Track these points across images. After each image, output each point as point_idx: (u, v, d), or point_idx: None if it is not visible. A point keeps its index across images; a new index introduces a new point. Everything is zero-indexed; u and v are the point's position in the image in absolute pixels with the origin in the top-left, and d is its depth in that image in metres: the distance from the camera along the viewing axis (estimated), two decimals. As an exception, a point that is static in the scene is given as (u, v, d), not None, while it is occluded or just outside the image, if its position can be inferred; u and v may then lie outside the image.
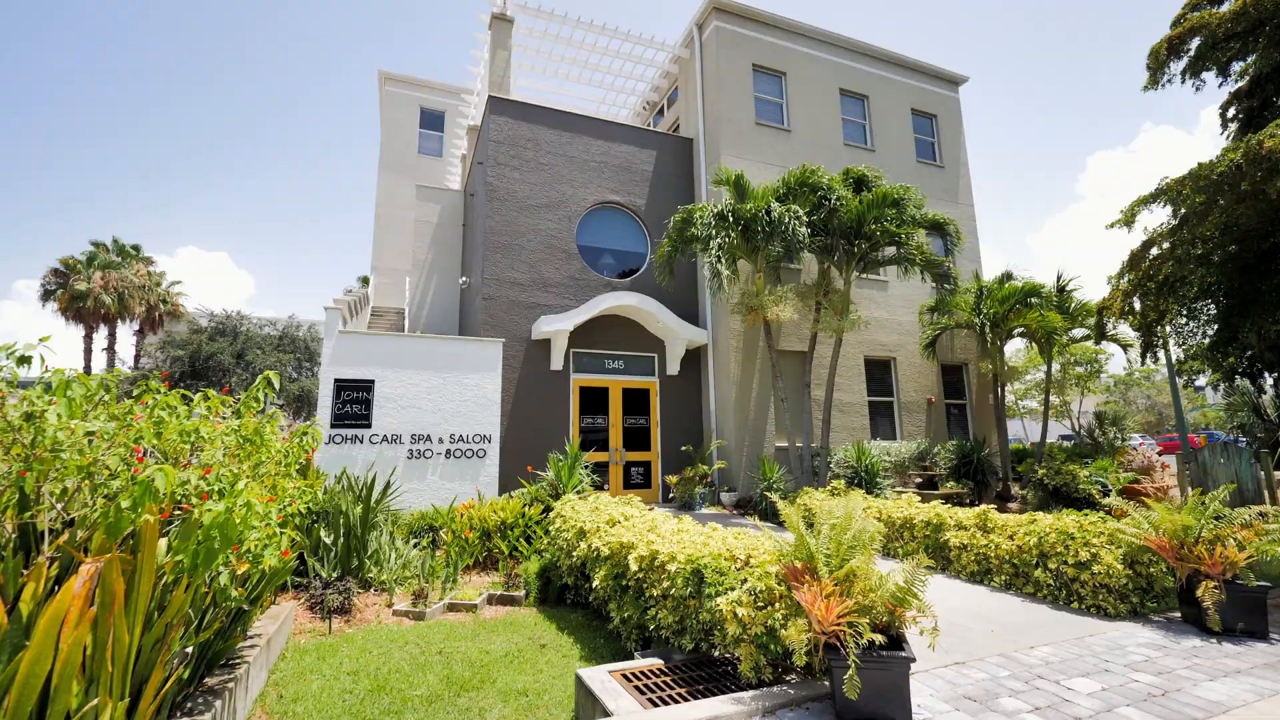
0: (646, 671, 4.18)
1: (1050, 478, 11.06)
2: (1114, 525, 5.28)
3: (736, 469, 11.80)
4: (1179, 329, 9.50)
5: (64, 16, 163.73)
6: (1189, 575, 4.73)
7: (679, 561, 4.55)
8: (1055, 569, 5.39)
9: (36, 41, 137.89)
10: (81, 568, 2.73)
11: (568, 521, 7.07)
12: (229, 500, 3.00)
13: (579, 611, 6.66)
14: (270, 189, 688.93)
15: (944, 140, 16.17)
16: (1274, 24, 6.47)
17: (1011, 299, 12.25)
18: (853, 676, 2.95)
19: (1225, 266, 7.06)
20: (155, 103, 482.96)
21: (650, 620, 4.82)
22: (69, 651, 2.39)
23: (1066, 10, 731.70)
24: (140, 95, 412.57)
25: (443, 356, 10.14)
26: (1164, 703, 3.46)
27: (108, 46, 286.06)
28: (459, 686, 4.65)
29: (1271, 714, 3.33)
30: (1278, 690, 3.63)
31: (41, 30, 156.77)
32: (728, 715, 3.38)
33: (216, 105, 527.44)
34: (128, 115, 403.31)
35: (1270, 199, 5.44)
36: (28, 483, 2.72)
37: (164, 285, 35.66)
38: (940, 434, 13.85)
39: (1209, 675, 3.85)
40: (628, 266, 13.37)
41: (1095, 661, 4.10)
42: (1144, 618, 5.02)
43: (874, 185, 11.06)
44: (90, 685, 2.60)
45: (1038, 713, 3.36)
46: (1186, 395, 33.24)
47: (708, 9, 13.60)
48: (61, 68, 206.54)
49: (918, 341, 14.01)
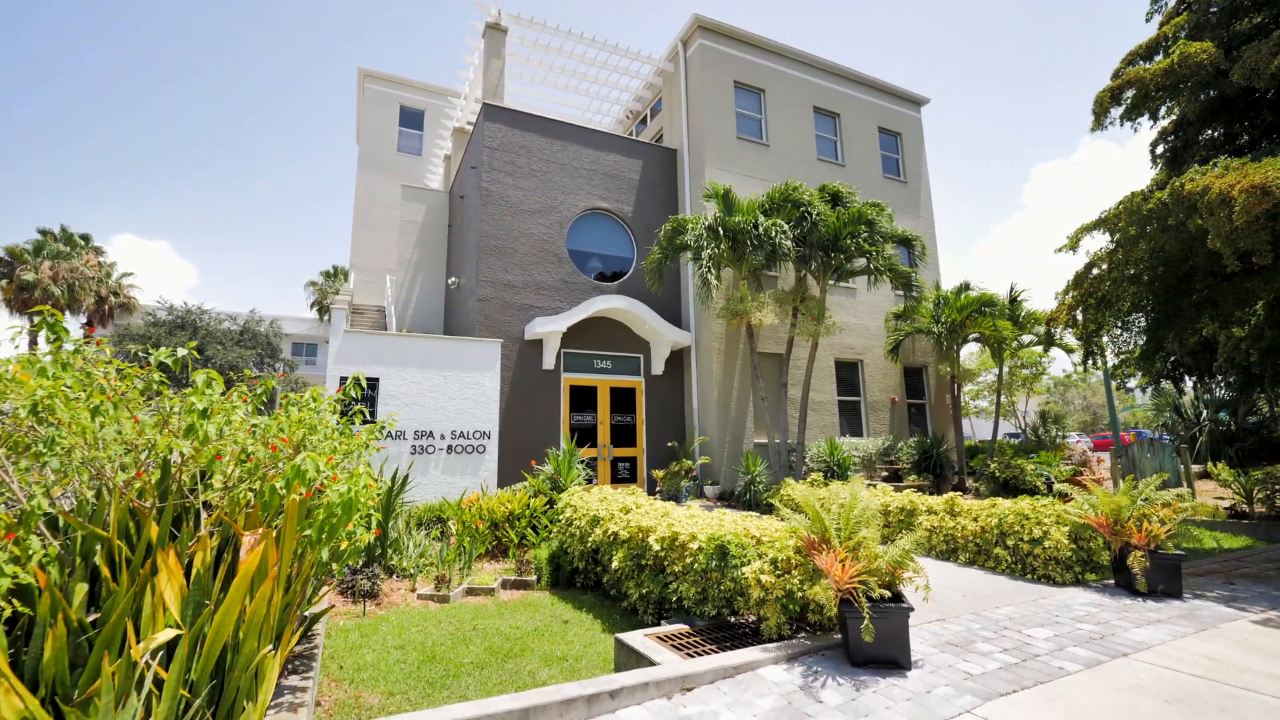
0: (676, 634, 4.83)
1: (1001, 471, 12.20)
2: (1061, 507, 6.22)
3: (719, 463, 12.57)
4: (1114, 338, 10.71)
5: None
6: (1121, 547, 5.68)
7: (701, 540, 5.21)
8: (1013, 545, 6.30)
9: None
10: (245, 540, 3.24)
11: (578, 511, 7.63)
12: (351, 483, 3.52)
13: (590, 593, 7.22)
14: (218, 175, 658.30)
15: (907, 157, 17.33)
16: (1194, 80, 7.59)
17: (968, 308, 13.38)
18: (868, 623, 3.68)
19: (1153, 285, 8.16)
20: (64, 66, 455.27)
21: (672, 593, 5.46)
22: (255, 607, 2.90)
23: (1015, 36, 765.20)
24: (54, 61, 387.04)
25: (444, 356, 10.56)
26: (1101, 643, 4.32)
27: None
28: (502, 655, 5.18)
29: (1180, 648, 4.22)
30: (1186, 634, 4.55)
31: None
32: (759, 660, 4.08)
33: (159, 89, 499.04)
34: (44, 82, 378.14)
35: (1189, 232, 6.47)
36: (186, 471, 3.20)
37: (114, 276, 34.42)
38: (902, 431, 14.94)
39: (1136, 624, 4.76)
40: (615, 270, 13.98)
41: (1048, 616, 4.96)
42: (1085, 584, 5.97)
43: (848, 201, 11.97)
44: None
45: (1006, 652, 4.17)
46: (1119, 396, 35.83)
47: (693, 27, 14.32)
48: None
49: (883, 345, 15.06)
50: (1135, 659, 4.06)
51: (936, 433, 15.02)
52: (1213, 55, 7.16)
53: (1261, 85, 6.78)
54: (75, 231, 34.06)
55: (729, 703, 3.56)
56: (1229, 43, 7.78)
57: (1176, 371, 13.58)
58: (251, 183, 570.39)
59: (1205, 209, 5.92)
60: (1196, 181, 6.03)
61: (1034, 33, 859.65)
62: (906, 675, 3.85)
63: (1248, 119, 8.40)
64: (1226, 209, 5.63)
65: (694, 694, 3.73)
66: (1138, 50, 8.57)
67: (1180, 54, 7.25)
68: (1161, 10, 9.07)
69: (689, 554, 5.27)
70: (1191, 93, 7.84)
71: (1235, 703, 3.40)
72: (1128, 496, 5.79)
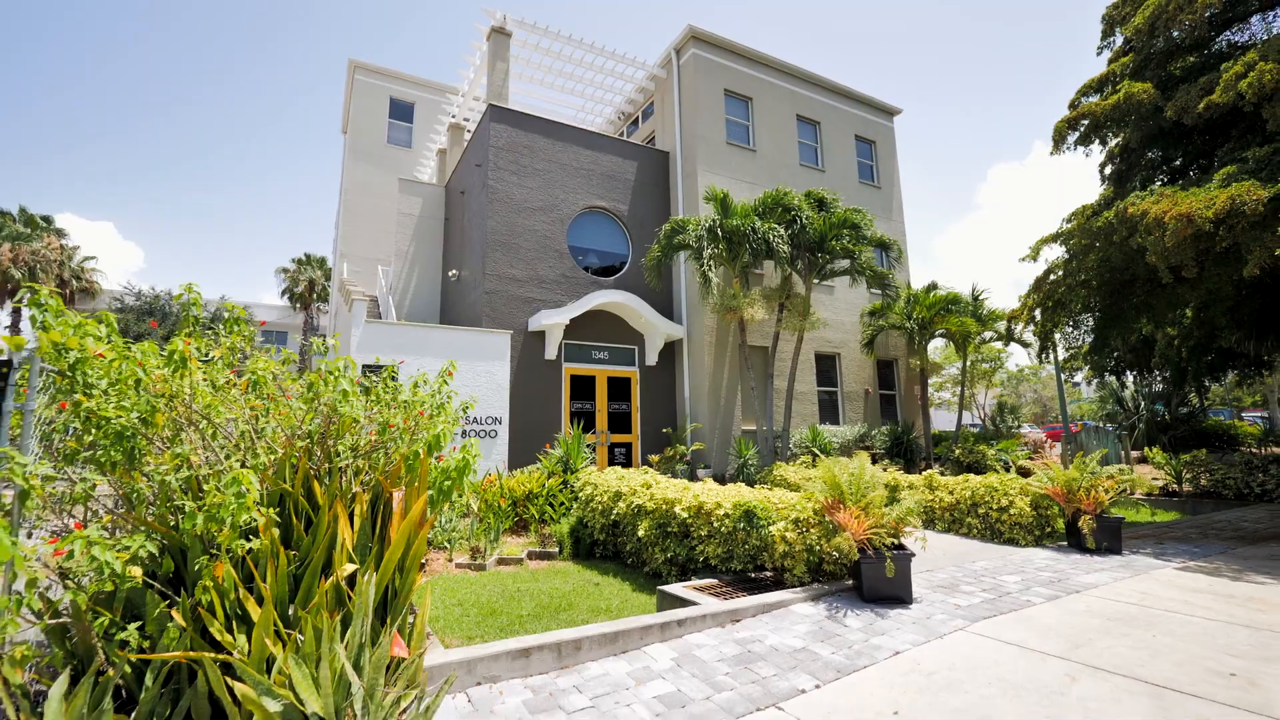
0: (708, 586, 5.69)
1: (965, 456, 13.46)
2: (1024, 481, 7.30)
3: (710, 449, 13.49)
4: (1066, 336, 12.01)
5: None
6: (1074, 513, 6.78)
7: (727, 507, 6.06)
8: (984, 514, 7.37)
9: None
10: (395, 496, 3.95)
11: (599, 488, 8.41)
12: (465, 451, 4.25)
13: (610, 562, 7.99)
14: (166, 156, 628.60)
15: (881, 164, 18.49)
16: (1136, 114, 8.79)
17: (936, 306, 14.58)
18: (890, 562, 4.60)
19: (1100, 291, 9.36)
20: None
21: (698, 554, 6.30)
22: (416, 547, 3.63)
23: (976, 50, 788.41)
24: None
25: (459, 345, 11.17)
26: (1059, 585, 5.35)
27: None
28: (553, 609, 5.93)
29: (1119, 587, 5.28)
30: (1124, 578, 5.62)
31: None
32: (789, 600, 4.97)
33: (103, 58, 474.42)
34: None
35: (1131, 247, 7.60)
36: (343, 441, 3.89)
37: (76, 260, 33.48)
38: (875, 420, 16.13)
39: (1085, 571, 5.82)
40: (612, 266, 14.72)
41: (1015, 567, 6.00)
42: (1044, 545, 7.07)
43: (832, 206, 12.96)
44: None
45: (985, 591, 5.16)
46: (1066, 390, 38.32)
47: (686, 37, 15.10)
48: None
49: (858, 340, 16.20)
50: (1085, 594, 5.09)
51: (906, 421, 16.25)
52: (1152, 95, 8.36)
53: (1190, 121, 7.96)
54: (36, 213, 33.00)
55: (772, 629, 4.43)
56: (1165, 81, 8.99)
57: (1119, 367, 15.06)
58: (203, 164, 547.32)
59: (1144, 229, 7.04)
60: (1137, 206, 7.15)
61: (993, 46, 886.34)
62: (909, 608, 4.79)
63: (1181, 145, 9.67)
64: (1161, 231, 6.74)
65: (741, 624, 4.60)
66: (1090, 84, 9.80)
67: (1126, 93, 8.43)
68: (1111, 47, 10.30)
69: (715, 519, 6.11)
70: (1135, 125, 9.06)
71: (1157, 619, 4.43)
72: (1079, 470, 6.89)
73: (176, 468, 3.30)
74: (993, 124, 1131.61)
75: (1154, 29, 8.68)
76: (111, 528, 3.39)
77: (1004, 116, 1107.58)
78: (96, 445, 3.21)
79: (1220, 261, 7.61)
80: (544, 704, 3.46)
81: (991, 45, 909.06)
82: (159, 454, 3.34)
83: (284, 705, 2.71)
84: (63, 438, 3.23)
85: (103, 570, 2.72)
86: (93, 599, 2.95)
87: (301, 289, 36.70)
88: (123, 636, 2.93)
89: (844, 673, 3.66)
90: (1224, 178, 6.97)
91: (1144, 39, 8.95)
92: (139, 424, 3.25)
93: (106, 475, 3.30)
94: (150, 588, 3.10)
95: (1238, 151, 7.62)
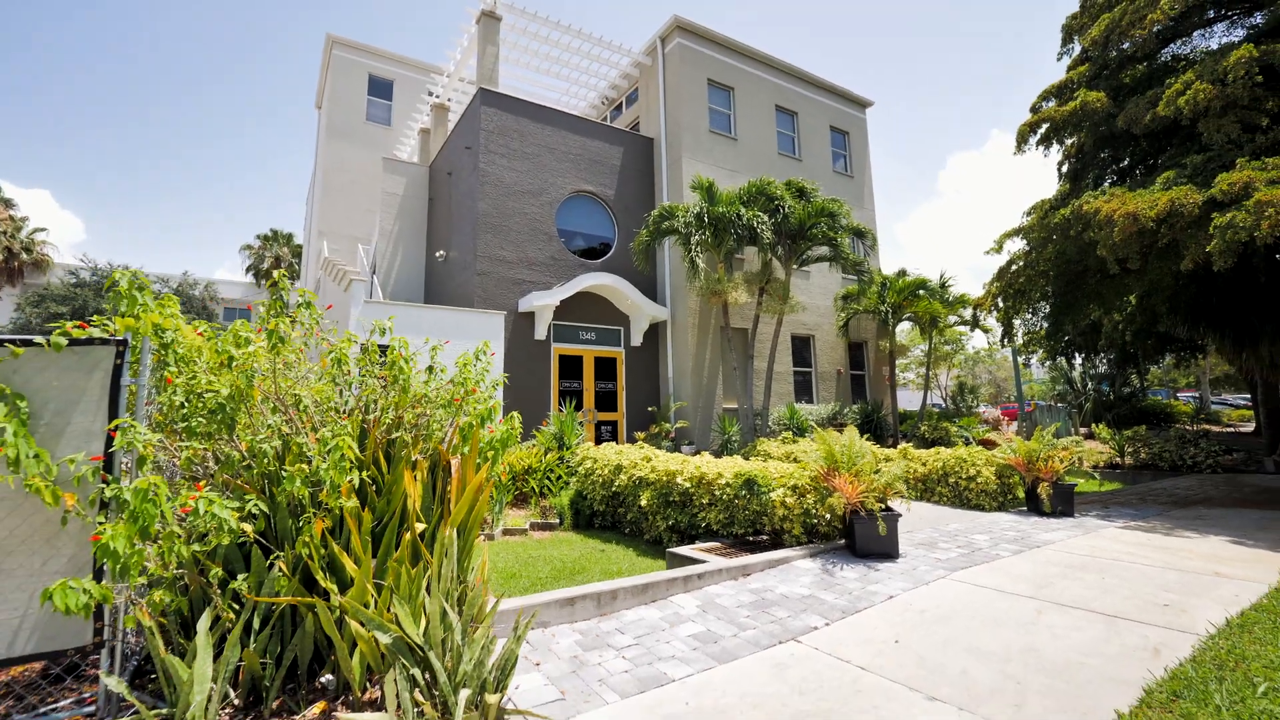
0: (713, 548, 6.26)
1: (930, 432, 14.40)
2: (989, 453, 8.08)
3: (694, 426, 14.11)
4: (1025, 322, 12.98)
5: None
6: (1033, 481, 7.59)
7: (728, 476, 6.62)
8: (953, 483, 8.15)
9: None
10: (453, 463, 4.37)
11: (599, 462, 8.88)
12: (508, 424, 4.68)
13: (610, 532, 8.50)
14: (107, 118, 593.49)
15: (854, 154, 19.19)
16: (1091, 121, 9.61)
17: (906, 291, 15.41)
18: (881, 521, 5.23)
19: (1056, 280, 10.24)
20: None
21: (700, 521, 6.86)
22: (479, 508, 4.07)
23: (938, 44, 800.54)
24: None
25: (454, 325, 11.44)
26: (1022, 541, 6.11)
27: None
28: (569, 572, 6.41)
29: (1073, 543, 6.07)
30: (1076, 535, 6.42)
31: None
32: (791, 556, 5.57)
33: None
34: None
35: (1085, 241, 8.42)
36: (407, 415, 4.29)
37: (25, 232, 32.04)
38: (846, 399, 16.99)
39: (1044, 531, 6.61)
40: (599, 249, 15.08)
41: (984, 528, 6.76)
42: (1006, 510, 7.89)
43: (811, 195, 13.56)
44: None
45: (960, 548, 5.86)
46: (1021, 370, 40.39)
47: (672, 26, 15.39)
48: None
49: (832, 323, 16.98)
50: (1045, 549, 5.85)
51: (875, 400, 17.16)
52: (1105, 104, 9.18)
53: (1138, 130, 8.79)
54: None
55: (780, 580, 5.03)
56: (1117, 90, 9.83)
57: (1069, 349, 16.23)
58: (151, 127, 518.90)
59: (1096, 225, 7.82)
60: (1091, 204, 7.93)
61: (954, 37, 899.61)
62: (896, 561, 5.45)
63: (1128, 149, 10.57)
64: (1111, 228, 7.51)
65: (752, 577, 5.18)
66: (1050, 89, 10.63)
67: (1082, 100, 9.24)
68: (1070, 54, 11.14)
69: (717, 488, 6.66)
70: (1089, 129, 9.89)
71: (1106, 567, 5.19)
72: (1038, 443, 7.70)
73: (268, 438, 3.67)
74: (952, 114, 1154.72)
75: (1108, 41, 9.48)
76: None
77: (963, 106, 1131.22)
78: (193, 416, 3.55)
79: (1161, 256, 8.47)
80: (594, 643, 3.97)
81: (952, 36, 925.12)
82: (250, 425, 3.69)
83: (393, 638, 3.16)
84: (167, 410, 3.54)
85: (222, 526, 3.11)
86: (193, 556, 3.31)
87: (268, 265, 35.82)
88: (234, 586, 3.33)
89: (848, 613, 4.27)
90: (1165, 181, 7.78)
91: (1099, 50, 9.75)
92: (234, 398, 3.60)
93: (204, 444, 3.64)
94: (256, 544, 3.49)
95: (1178, 158, 8.47)
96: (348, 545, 3.64)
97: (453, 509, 4.13)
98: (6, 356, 3.01)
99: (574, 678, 3.46)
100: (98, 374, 3.28)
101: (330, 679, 3.37)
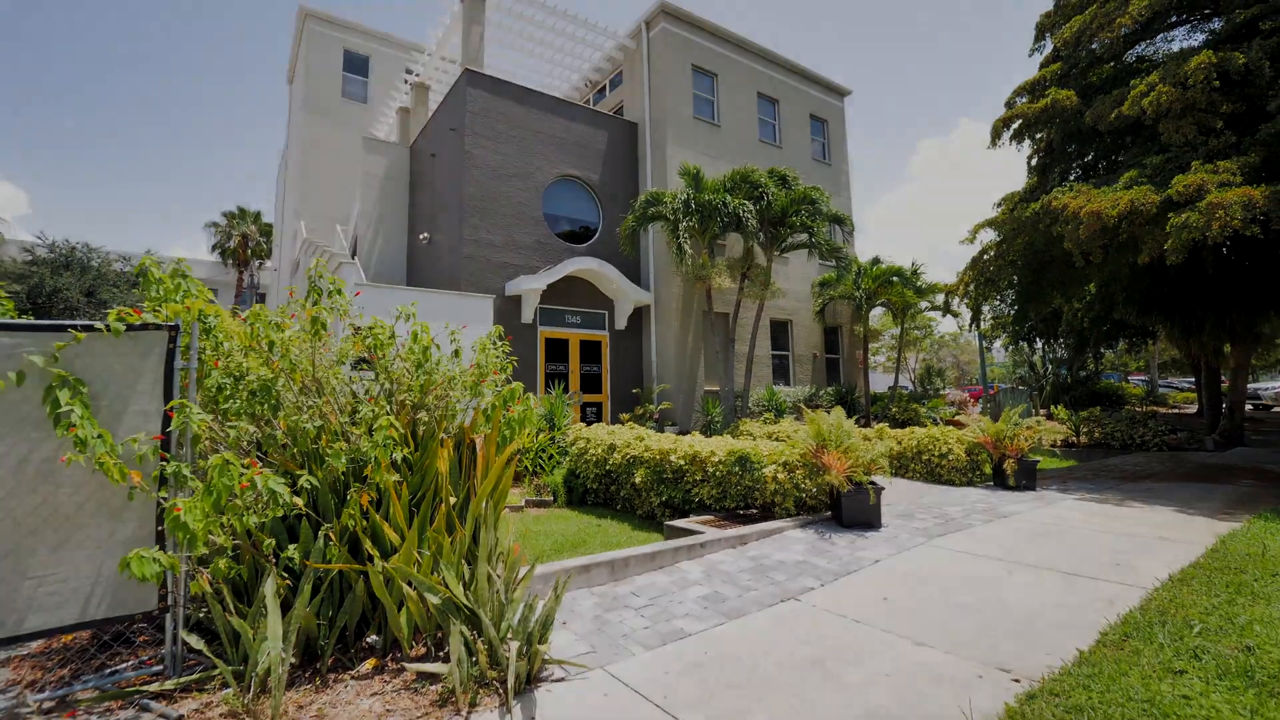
0: (707, 521, 6.65)
1: (900, 413, 15.08)
2: (960, 432, 8.65)
3: (677, 408, 14.51)
4: (993, 308, 13.66)
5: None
6: (1000, 458, 8.17)
7: (721, 454, 7.01)
8: (926, 460, 8.70)
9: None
10: (478, 441, 4.65)
11: (592, 442, 9.19)
12: (524, 404, 4.97)
13: (603, 508, 8.82)
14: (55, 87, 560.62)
15: (832, 143, 19.61)
16: (1060, 118, 10.16)
17: (880, 277, 15.98)
18: (871, 492, 5.69)
19: (1024, 270, 10.86)
20: None
21: (693, 496, 7.25)
22: (505, 481, 4.37)
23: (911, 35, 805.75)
24: None
25: (444, 309, 11.56)
26: (991, 512, 6.66)
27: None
28: (570, 546, 6.74)
29: (1036, 514, 6.65)
30: (1039, 507, 7.01)
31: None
32: (783, 527, 6.01)
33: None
34: None
35: (1052, 234, 8.99)
36: (428, 397, 4.54)
37: (-27, 207, 30.64)
38: (821, 381, 17.59)
39: (1010, 503, 7.19)
40: (583, 233, 15.25)
41: (956, 501, 7.30)
42: (975, 485, 8.47)
43: (793, 183, 13.94)
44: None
45: (936, 519, 6.38)
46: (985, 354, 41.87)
47: (657, 11, 15.48)
48: None
49: (810, 308, 17.50)
50: (1011, 519, 6.40)
51: (849, 382, 17.81)
52: (1074, 102, 9.71)
53: (1103, 127, 9.34)
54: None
55: (775, 548, 5.45)
56: (1086, 88, 10.38)
57: (1031, 335, 17.06)
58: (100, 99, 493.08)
59: (1063, 221, 8.37)
60: (1059, 200, 8.48)
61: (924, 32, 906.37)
62: (880, 531, 5.93)
63: (1094, 145, 11.18)
64: (1076, 223, 8.07)
65: (748, 545, 5.60)
66: (1023, 86, 11.14)
67: (1054, 98, 9.76)
68: (1042, 51, 11.66)
69: (710, 465, 7.04)
70: (1059, 126, 10.43)
71: (1066, 533, 5.74)
72: (1005, 422, 8.28)
73: (310, 418, 3.91)
74: (921, 101, 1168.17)
75: (1079, 41, 10.00)
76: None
77: (932, 93, 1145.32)
78: (238, 397, 3.77)
79: (1121, 249, 9.09)
80: (612, 604, 4.33)
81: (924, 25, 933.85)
82: (296, 404, 3.92)
83: (442, 599, 3.47)
84: (213, 393, 3.74)
85: (276, 499, 3.37)
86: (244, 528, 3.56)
87: (234, 244, 34.88)
88: (287, 555, 3.59)
89: (840, 576, 4.71)
90: (1127, 180, 8.35)
91: (1070, 49, 10.28)
92: (275, 381, 3.82)
93: (251, 426, 3.86)
94: (305, 517, 3.74)
95: (1139, 156, 9.07)
96: (387, 517, 3.91)
97: (479, 484, 4.43)
98: (70, 342, 3.19)
99: (600, 634, 3.81)
100: (151, 358, 3.47)
101: (376, 639, 3.67)
